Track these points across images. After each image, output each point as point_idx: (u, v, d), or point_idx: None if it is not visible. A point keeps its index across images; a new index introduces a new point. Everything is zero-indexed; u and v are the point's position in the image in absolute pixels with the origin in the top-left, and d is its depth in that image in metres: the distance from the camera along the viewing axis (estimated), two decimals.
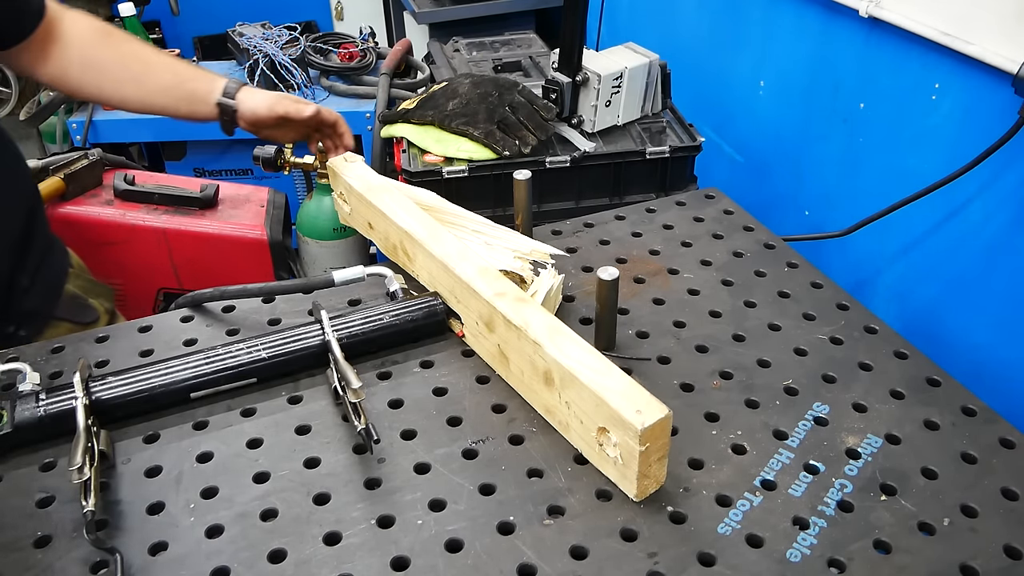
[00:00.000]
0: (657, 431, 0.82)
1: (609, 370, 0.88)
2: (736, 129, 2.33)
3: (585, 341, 0.92)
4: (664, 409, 0.82)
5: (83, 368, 0.97)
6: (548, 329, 0.94)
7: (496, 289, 1.01)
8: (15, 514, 0.88)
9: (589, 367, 0.88)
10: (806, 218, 2.09)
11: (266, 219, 2.32)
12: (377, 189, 1.23)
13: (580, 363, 0.89)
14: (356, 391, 0.92)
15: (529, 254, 1.12)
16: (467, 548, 0.83)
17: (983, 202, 1.55)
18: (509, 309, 0.98)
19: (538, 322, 0.95)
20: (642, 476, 0.84)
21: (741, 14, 2.20)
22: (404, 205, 1.19)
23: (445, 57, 2.29)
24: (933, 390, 1.02)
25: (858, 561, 0.81)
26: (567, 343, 0.92)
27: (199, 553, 0.83)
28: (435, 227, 1.14)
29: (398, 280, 1.15)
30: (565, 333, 0.93)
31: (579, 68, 1.72)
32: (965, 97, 1.55)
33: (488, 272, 1.04)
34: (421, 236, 1.13)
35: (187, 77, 1.32)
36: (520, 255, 1.11)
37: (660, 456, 0.85)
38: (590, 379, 0.87)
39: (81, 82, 1.30)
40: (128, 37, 1.36)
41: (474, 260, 1.06)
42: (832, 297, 1.18)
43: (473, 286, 1.02)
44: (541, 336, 0.93)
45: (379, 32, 3.32)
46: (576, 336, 0.93)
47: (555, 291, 1.09)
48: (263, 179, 2.61)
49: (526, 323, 0.95)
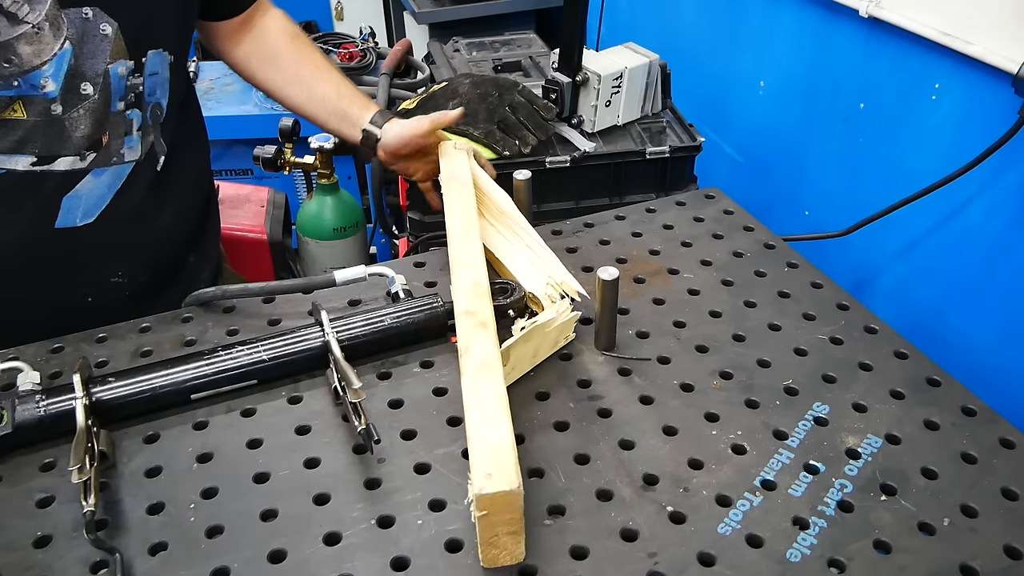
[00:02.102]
0: (500, 503, 0.76)
1: (499, 423, 0.84)
2: (736, 129, 2.33)
3: (504, 389, 0.88)
4: (514, 483, 0.76)
5: (83, 368, 0.97)
6: (479, 363, 0.91)
7: (470, 307, 1.00)
8: (15, 514, 0.88)
9: (483, 413, 0.85)
10: (806, 218, 2.09)
11: (266, 219, 2.32)
12: (452, 180, 1.26)
13: (479, 406, 0.86)
14: (356, 391, 0.92)
15: (560, 284, 1.09)
16: (467, 548, 0.83)
17: (983, 202, 1.55)
18: (464, 330, 0.97)
19: (477, 353, 0.93)
20: (487, 544, 0.79)
21: (741, 14, 2.20)
22: (463, 202, 1.20)
23: (445, 57, 2.29)
24: (933, 390, 1.02)
25: (858, 561, 0.81)
26: (484, 384, 0.89)
27: (199, 553, 0.83)
28: (472, 230, 1.15)
29: (400, 280, 1.15)
30: (492, 374, 0.90)
31: (579, 68, 1.72)
32: (965, 97, 1.55)
33: (477, 288, 1.03)
34: (455, 234, 1.14)
35: (345, 95, 1.38)
36: (552, 283, 1.10)
37: (511, 530, 0.78)
38: (474, 425, 0.84)
39: (259, 72, 1.39)
40: (311, 44, 1.43)
41: (475, 273, 1.06)
42: (832, 297, 1.18)
43: (455, 296, 1.03)
44: (468, 367, 0.91)
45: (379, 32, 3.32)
46: (500, 381, 0.89)
47: (556, 327, 1.05)
48: (263, 179, 2.61)
49: (466, 349, 0.94)
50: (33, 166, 1.14)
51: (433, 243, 1.70)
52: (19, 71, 1.06)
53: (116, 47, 1.12)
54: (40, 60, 1.07)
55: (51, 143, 1.14)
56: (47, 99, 1.10)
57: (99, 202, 1.21)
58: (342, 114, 1.36)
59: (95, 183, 1.20)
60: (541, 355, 1.07)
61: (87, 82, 1.12)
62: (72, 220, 1.20)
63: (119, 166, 1.21)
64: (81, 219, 1.21)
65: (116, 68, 1.14)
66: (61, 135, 1.14)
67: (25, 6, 1.04)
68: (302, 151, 2.31)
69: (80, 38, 1.09)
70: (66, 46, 1.08)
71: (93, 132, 1.16)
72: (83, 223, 1.21)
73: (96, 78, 1.13)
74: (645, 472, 0.91)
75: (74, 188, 1.18)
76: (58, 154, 1.15)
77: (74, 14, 1.08)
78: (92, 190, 1.20)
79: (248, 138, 2.57)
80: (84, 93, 1.12)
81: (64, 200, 1.18)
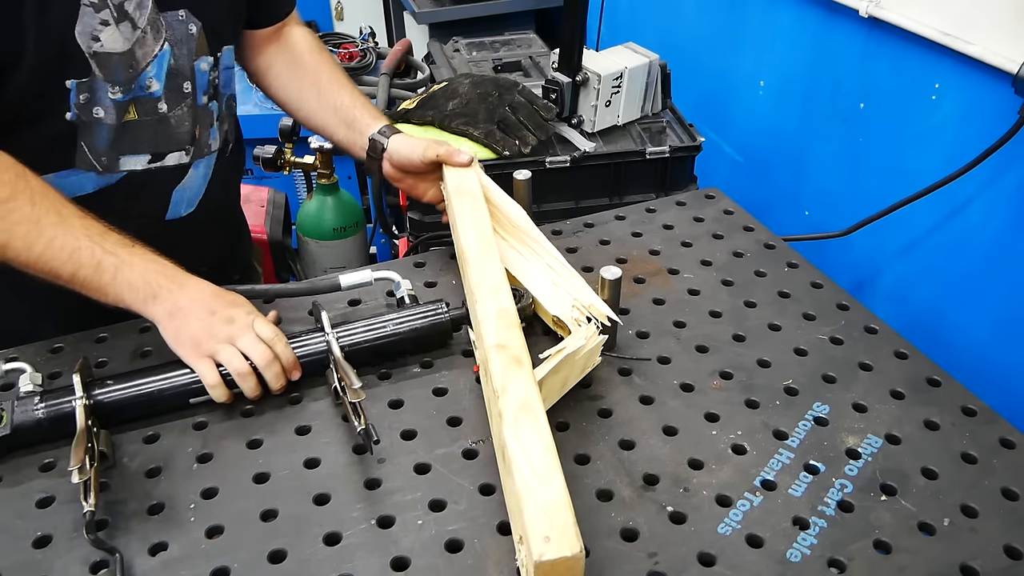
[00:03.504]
0: (561, 569, 0.72)
1: (550, 478, 0.77)
2: (736, 129, 2.32)
3: (550, 435, 0.82)
4: (576, 547, 0.71)
5: (83, 368, 0.97)
6: (519, 405, 0.85)
7: (501, 339, 0.93)
8: (15, 514, 0.88)
9: (531, 466, 0.78)
10: (806, 218, 2.09)
11: (266, 219, 2.32)
12: (463, 193, 1.18)
13: (526, 457, 0.79)
14: (356, 391, 0.92)
15: (588, 308, 1.03)
16: (467, 548, 0.83)
17: (983, 202, 1.55)
18: (499, 366, 0.90)
19: (515, 393, 0.86)
20: None
21: (741, 14, 2.20)
22: (477, 218, 1.13)
23: (445, 57, 2.29)
24: (933, 390, 1.02)
25: (858, 561, 0.81)
26: (527, 429, 0.82)
27: (199, 553, 0.83)
28: (491, 251, 1.07)
29: (406, 285, 1.14)
30: (535, 418, 0.83)
31: (579, 68, 1.72)
32: (965, 97, 1.55)
33: (505, 316, 0.96)
34: (472, 256, 1.06)
35: (358, 105, 1.37)
36: (579, 306, 1.03)
37: None
38: (523, 480, 0.77)
39: (277, 80, 1.40)
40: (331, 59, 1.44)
41: (500, 300, 0.99)
42: (832, 297, 1.18)
43: (483, 328, 0.96)
44: (508, 410, 0.84)
45: (379, 32, 3.32)
46: (543, 425, 0.83)
47: (585, 354, 0.98)
48: (263, 179, 2.61)
49: (503, 389, 0.87)
50: (149, 164, 1.20)
51: (433, 243, 1.70)
52: (135, 74, 1.12)
53: (200, 44, 1.19)
54: (145, 62, 1.13)
55: (160, 141, 1.20)
56: (153, 98, 1.16)
57: (198, 192, 1.29)
58: (351, 122, 1.36)
59: (195, 174, 1.27)
60: (570, 384, 1.01)
61: (186, 80, 1.19)
62: (179, 211, 1.28)
63: (208, 156, 1.28)
64: (185, 209, 1.28)
65: (199, 64, 1.20)
66: (168, 132, 1.20)
67: (137, 11, 1.10)
68: (302, 151, 2.31)
69: (178, 39, 1.16)
70: (165, 47, 1.14)
71: (191, 126, 1.22)
72: (187, 213, 1.29)
73: (188, 75, 1.19)
74: (645, 472, 0.91)
75: (182, 181, 1.25)
76: (168, 151, 1.21)
77: (171, 16, 1.15)
78: (194, 181, 1.27)
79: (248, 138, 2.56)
80: (185, 91, 1.19)
81: (174, 194, 1.25)
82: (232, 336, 0.99)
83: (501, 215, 1.20)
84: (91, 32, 1.06)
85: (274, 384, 1.00)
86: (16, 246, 0.98)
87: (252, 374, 0.98)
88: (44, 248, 0.98)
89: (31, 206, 0.99)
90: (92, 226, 1.01)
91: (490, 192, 1.22)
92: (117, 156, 1.16)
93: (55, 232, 0.99)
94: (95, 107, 1.11)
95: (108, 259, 0.99)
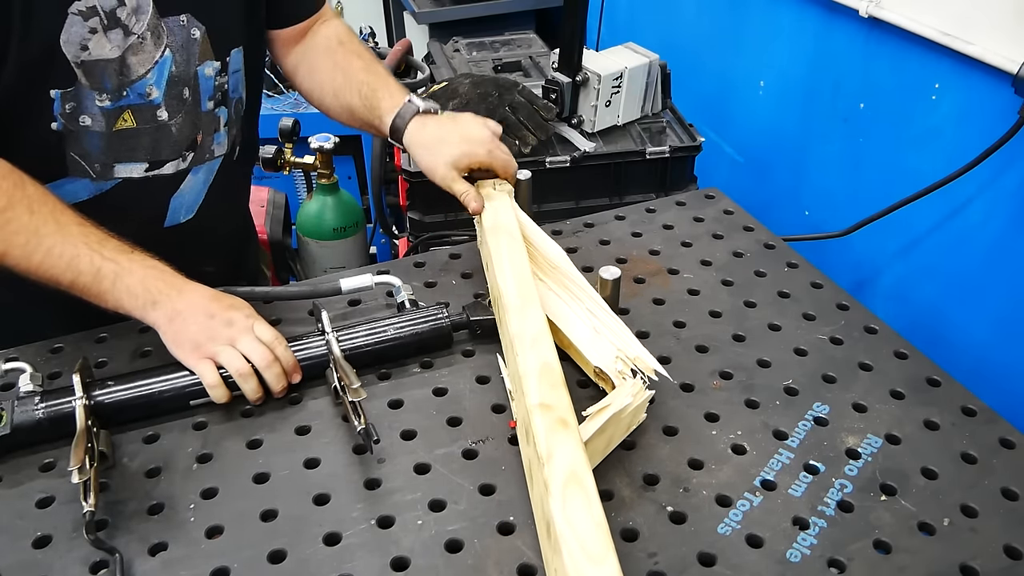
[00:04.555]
0: None
1: (604, 560, 0.71)
2: (736, 129, 2.32)
3: (601, 507, 0.76)
4: None
5: (83, 368, 0.96)
6: (567, 475, 0.78)
7: (544, 399, 0.86)
8: (15, 514, 0.88)
9: (582, 547, 0.72)
10: (806, 218, 2.09)
11: (266, 219, 2.32)
12: (499, 231, 1.13)
13: (575, 537, 0.73)
14: (356, 391, 0.92)
15: (633, 360, 0.96)
16: (467, 548, 0.83)
17: (983, 202, 1.55)
18: (543, 429, 0.83)
19: (562, 461, 0.79)
20: None
21: (741, 14, 2.20)
22: (515, 260, 1.06)
23: (445, 57, 2.29)
24: (933, 390, 1.02)
25: (858, 561, 0.81)
26: (576, 504, 0.75)
27: (199, 553, 0.83)
28: (531, 296, 1.01)
29: (407, 291, 1.14)
30: (583, 489, 0.77)
31: (579, 68, 1.72)
32: (965, 97, 1.55)
33: (549, 373, 0.90)
34: (511, 302, 1.00)
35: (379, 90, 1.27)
36: (623, 358, 0.97)
37: None
38: (574, 563, 0.71)
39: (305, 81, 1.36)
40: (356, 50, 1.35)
41: (543, 353, 0.93)
42: (832, 297, 1.18)
43: (525, 384, 0.89)
44: (554, 481, 0.77)
45: (379, 32, 3.32)
46: (594, 498, 0.76)
47: (631, 411, 0.92)
48: (263, 179, 2.61)
49: (549, 456, 0.80)
50: (146, 172, 1.18)
51: (433, 243, 1.70)
52: (128, 81, 1.10)
53: (203, 49, 1.16)
54: (144, 69, 1.11)
55: (159, 148, 1.18)
56: (153, 106, 1.14)
57: (197, 198, 1.27)
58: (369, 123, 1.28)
59: (194, 181, 1.25)
60: (614, 443, 0.94)
61: (186, 87, 1.16)
62: (177, 218, 1.26)
63: (211, 162, 1.26)
64: (184, 216, 1.27)
65: (204, 69, 1.18)
66: (167, 139, 1.18)
67: (133, 17, 1.08)
68: (302, 151, 2.31)
69: (179, 44, 1.13)
70: (166, 54, 1.12)
71: (191, 133, 1.20)
72: (186, 219, 1.27)
73: (190, 81, 1.17)
74: (645, 472, 0.91)
75: (179, 188, 1.23)
76: (166, 158, 1.19)
77: (172, 22, 1.12)
78: (193, 188, 1.25)
79: None
80: (184, 98, 1.17)
81: (172, 200, 1.24)
82: (232, 338, 0.99)
83: (539, 255, 1.13)
84: (79, 41, 1.04)
85: (275, 386, 1.00)
86: (15, 255, 0.98)
87: (253, 375, 0.98)
88: (43, 257, 0.98)
89: (29, 215, 0.99)
90: (91, 233, 1.01)
91: (526, 229, 1.16)
92: (112, 163, 1.15)
93: (53, 241, 0.98)
94: (82, 115, 1.09)
95: (107, 266, 0.99)
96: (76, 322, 1.13)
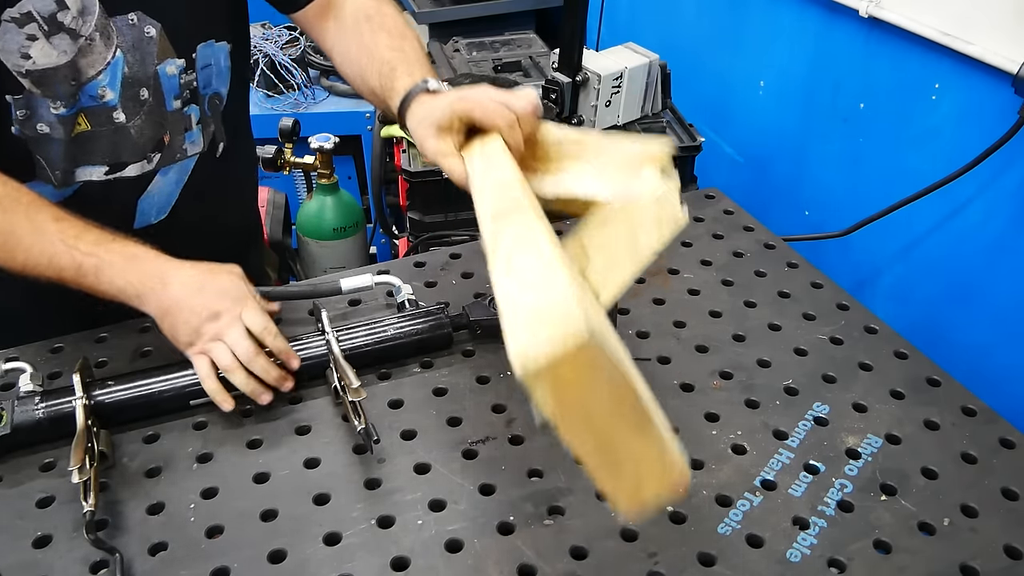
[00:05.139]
0: (580, 370, 0.52)
1: (545, 284, 0.60)
2: (736, 129, 2.32)
3: (549, 239, 0.68)
4: (580, 329, 0.51)
5: (83, 368, 0.97)
6: (506, 208, 0.68)
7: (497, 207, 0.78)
8: (15, 514, 0.88)
9: (519, 281, 0.62)
10: (806, 218, 2.08)
11: (266, 219, 2.32)
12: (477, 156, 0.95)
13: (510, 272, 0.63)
14: (356, 390, 0.92)
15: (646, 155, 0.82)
16: (467, 548, 0.83)
17: (983, 202, 1.55)
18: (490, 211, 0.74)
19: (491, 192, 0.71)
20: (614, 476, 0.60)
21: (741, 14, 2.20)
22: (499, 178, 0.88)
23: (445, 57, 2.29)
24: (933, 390, 1.02)
25: (858, 561, 0.81)
26: (512, 234, 0.67)
27: (199, 553, 0.83)
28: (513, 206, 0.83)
29: (407, 290, 1.14)
30: (524, 218, 0.67)
31: (579, 68, 1.72)
32: (965, 97, 1.55)
33: (504, 186, 0.81)
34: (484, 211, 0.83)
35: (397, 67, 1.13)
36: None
37: (634, 421, 0.57)
38: (506, 294, 0.60)
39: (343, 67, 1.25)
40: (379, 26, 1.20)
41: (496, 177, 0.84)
42: (832, 297, 1.18)
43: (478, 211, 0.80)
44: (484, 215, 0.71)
45: None
46: (537, 228, 0.70)
47: (654, 200, 0.76)
48: (263, 179, 2.60)
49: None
50: (107, 175, 1.16)
51: (433, 243, 1.70)
52: (80, 83, 1.08)
53: (162, 47, 1.13)
54: (95, 71, 1.08)
55: (118, 151, 1.15)
56: (108, 108, 1.11)
57: (169, 198, 1.24)
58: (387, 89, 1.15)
59: (163, 181, 1.22)
60: (644, 244, 0.78)
61: (144, 87, 1.13)
62: (148, 219, 1.23)
63: (183, 161, 1.22)
64: (155, 217, 1.24)
65: (164, 68, 1.14)
66: (127, 142, 1.15)
67: (79, 19, 1.04)
68: (302, 151, 2.31)
69: (131, 44, 1.10)
70: (118, 54, 1.09)
71: (155, 134, 1.17)
72: (158, 220, 1.24)
73: (149, 81, 1.13)
74: None
75: (146, 190, 1.20)
76: (127, 160, 1.17)
77: (121, 21, 1.08)
78: (162, 188, 1.22)
79: None
80: (143, 98, 1.14)
81: (139, 202, 1.21)
82: (219, 332, 0.97)
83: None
84: (18, 49, 1.01)
85: (265, 378, 0.98)
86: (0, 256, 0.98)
87: (240, 368, 0.97)
88: (25, 257, 0.98)
89: (2, 214, 0.98)
90: (67, 229, 0.99)
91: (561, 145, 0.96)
92: (72, 169, 1.13)
93: (32, 240, 0.98)
94: (38, 123, 1.07)
95: (88, 261, 0.98)
96: (76, 322, 1.13)
